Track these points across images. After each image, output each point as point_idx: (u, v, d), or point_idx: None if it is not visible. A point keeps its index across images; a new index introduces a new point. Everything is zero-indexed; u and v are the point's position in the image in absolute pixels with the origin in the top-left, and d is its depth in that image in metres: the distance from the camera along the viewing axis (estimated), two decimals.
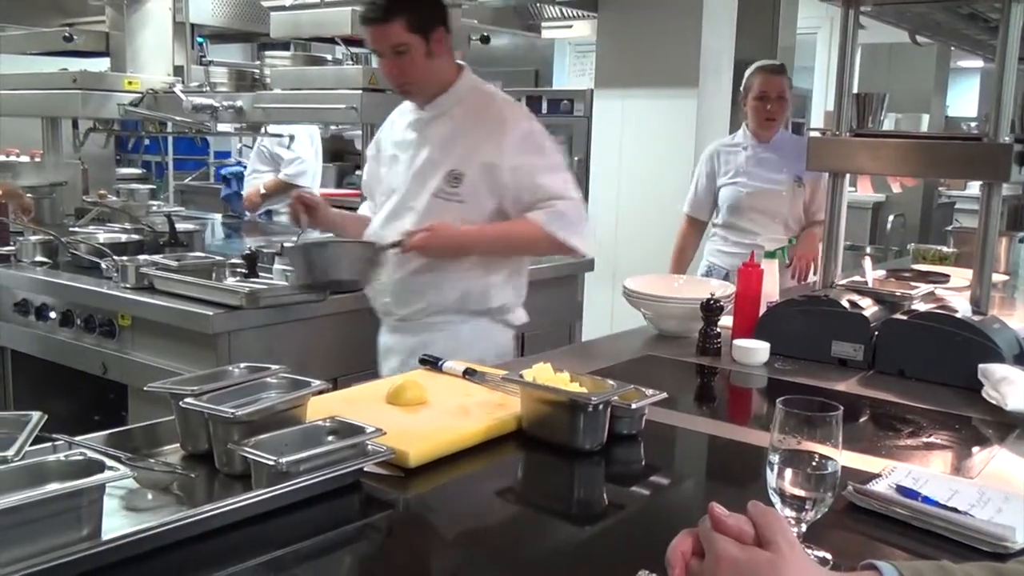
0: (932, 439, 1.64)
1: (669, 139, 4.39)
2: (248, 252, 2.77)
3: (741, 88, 3.57)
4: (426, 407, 1.60)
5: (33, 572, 0.95)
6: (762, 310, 2.22)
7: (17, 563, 0.95)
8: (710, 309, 2.15)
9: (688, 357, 2.16)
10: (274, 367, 1.46)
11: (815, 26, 6.69)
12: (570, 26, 5.57)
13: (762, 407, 1.98)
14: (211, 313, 2.37)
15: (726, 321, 2.22)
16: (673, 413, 1.69)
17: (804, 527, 1.03)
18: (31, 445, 1.16)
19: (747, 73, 3.53)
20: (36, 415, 1.21)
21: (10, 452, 1.09)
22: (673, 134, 4.38)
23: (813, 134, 2.68)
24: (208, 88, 3.33)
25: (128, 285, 2.63)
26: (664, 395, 1.56)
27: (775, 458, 1.03)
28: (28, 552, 0.96)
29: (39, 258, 3.02)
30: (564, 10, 5.29)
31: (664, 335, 2.35)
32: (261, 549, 1.14)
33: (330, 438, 1.29)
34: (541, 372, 1.54)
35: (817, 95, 7.22)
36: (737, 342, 2.12)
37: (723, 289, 2.34)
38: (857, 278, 2.41)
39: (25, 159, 4.10)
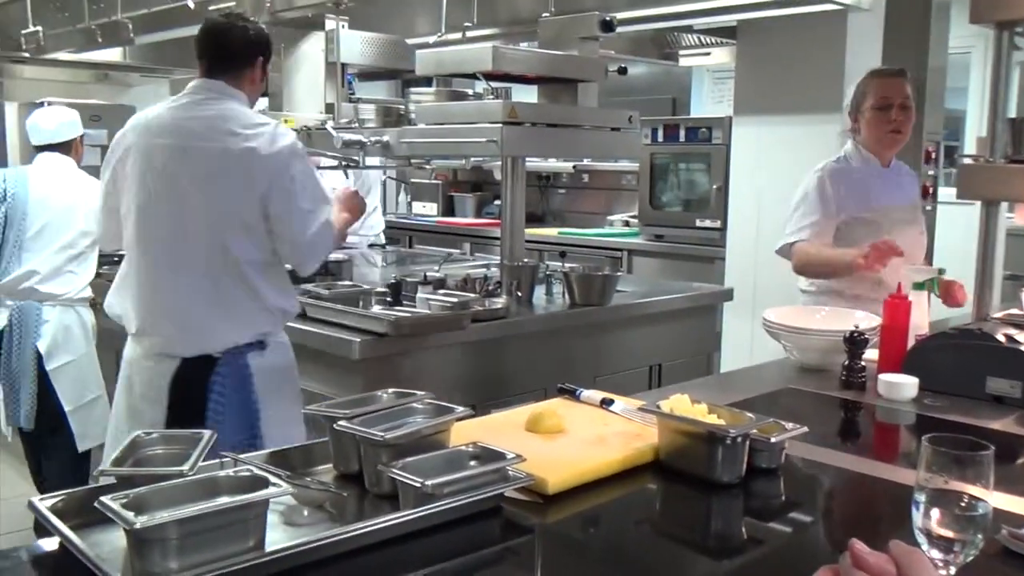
0: None
1: (812, 165, 4.27)
2: (393, 281, 2.88)
3: (850, 101, 3.04)
4: (564, 435, 1.64)
5: None
6: (910, 343, 2.15)
7: (192, 569, 1.03)
8: (855, 342, 2.10)
9: (831, 391, 2.11)
10: (419, 393, 1.52)
11: (969, 45, 6.39)
12: (708, 53, 5.54)
13: (910, 444, 1.91)
14: (357, 340, 2.49)
15: (871, 354, 2.16)
16: (814, 448, 1.66)
17: (952, 570, 1.00)
18: (203, 461, 1.27)
19: (857, 81, 3.05)
20: (207, 433, 1.32)
21: (186, 467, 1.19)
22: (816, 160, 4.24)
23: (965, 160, 2.58)
24: (357, 124, 3.49)
25: None
26: (805, 429, 1.54)
27: (921, 497, 1.00)
28: (201, 559, 1.04)
29: None
30: (702, 38, 5.27)
31: (806, 368, 2.30)
32: (407, 568, 1.19)
33: (473, 463, 1.34)
34: (678, 403, 1.55)
35: (971, 118, 6.88)
36: (883, 376, 2.06)
37: (868, 321, 2.28)
38: (1015, 311, 2.30)
39: None
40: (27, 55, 5.11)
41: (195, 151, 2.36)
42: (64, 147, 3.78)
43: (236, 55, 2.48)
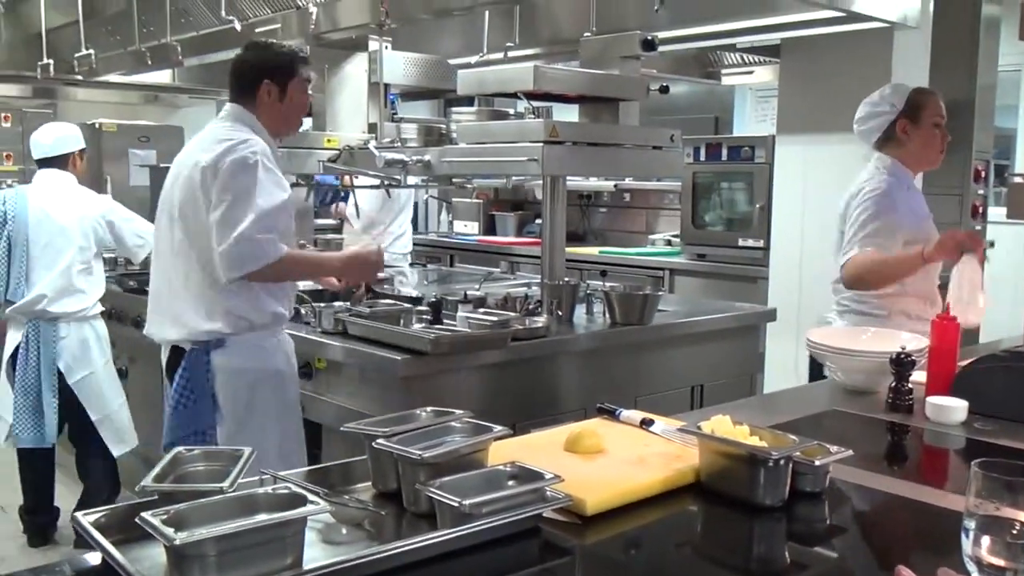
0: None
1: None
2: (434, 299, 2.89)
3: (901, 111, 2.94)
4: (603, 455, 1.62)
5: None
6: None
7: None
8: (901, 363, 2.06)
9: (877, 413, 2.07)
10: (458, 412, 1.52)
11: (1019, 63, 6.28)
12: (751, 72, 5.50)
13: (959, 469, 1.86)
14: (399, 358, 2.50)
15: (919, 376, 2.11)
16: (860, 472, 1.62)
17: None
18: (242, 478, 1.27)
19: (907, 94, 2.97)
20: (247, 450, 1.33)
21: (226, 484, 1.20)
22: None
23: (1016, 180, 2.52)
24: (399, 143, 3.53)
25: (324, 330, 2.81)
26: (849, 452, 1.51)
27: (971, 524, 0.98)
28: None
29: None
30: (745, 56, 5.24)
31: (851, 390, 2.26)
32: None
33: (511, 482, 1.33)
34: (719, 424, 1.53)
35: (1021, 136, 6.75)
36: (931, 399, 2.01)
37: (915, 342, 2.23)
38: None
39: None
40: (80, 77, 5.24)
41: (179, 166, 2.64)
42: (62, 161, 3.88)
43: (241, 81, 2.68)
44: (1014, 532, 0.96)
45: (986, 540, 0.97)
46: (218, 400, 2.58)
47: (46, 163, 3.88)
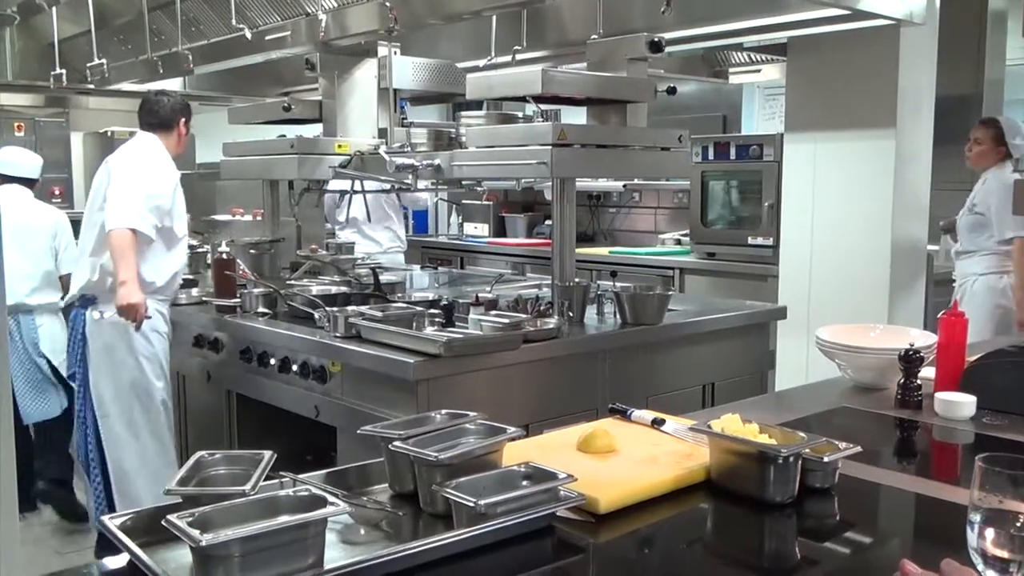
0: None
1: (865, 182, 4.25)
2: (445, 302, 2.91)
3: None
4: (615, 455, 1.65)
5: None
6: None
7: None
8: (910, 360, 2.07)
9: (886, 410, 2.08)
10: (471, 414, 1.55)
11: None
12: (759, 70, 5.51)
13: (967, 464, 1.88)
14: (412, 361, 2.52)
15: (928, 372, 2.13)
16: (869, 468, 1.64)
17: None
18: (263, 481, 1.30)
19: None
20: (267, 454, 1.36)
21: (248, 487, 1.23)
22: (869, 177, 4.23)
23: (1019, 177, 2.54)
24: (409, 148, 3.56)
25: (338, 334, 2.84)
26: (858, 449, 1.53)
27: (976, 517, 1.00)
28: None
29: (261, 309, 3.31)
30: (752, 55, 5.25)
31: (860, 386, 2.28)
32: None
33: (525, 482, 1.36)
34: (729, 423, 1.55)
35: None
36: (940, 395, 2.03)
37: (923, 339, 2.25)
38: None
39: (248, 218, 4.51)
40: (92, 86, 5.29)
41: None
42: (27, 181, 4.43)
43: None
44: (1018, 525, 0.98)
45: (991, 533, 0.99)
46: (87, 349, 3.47)
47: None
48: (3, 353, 1.19)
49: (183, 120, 3.72)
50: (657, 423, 1.82)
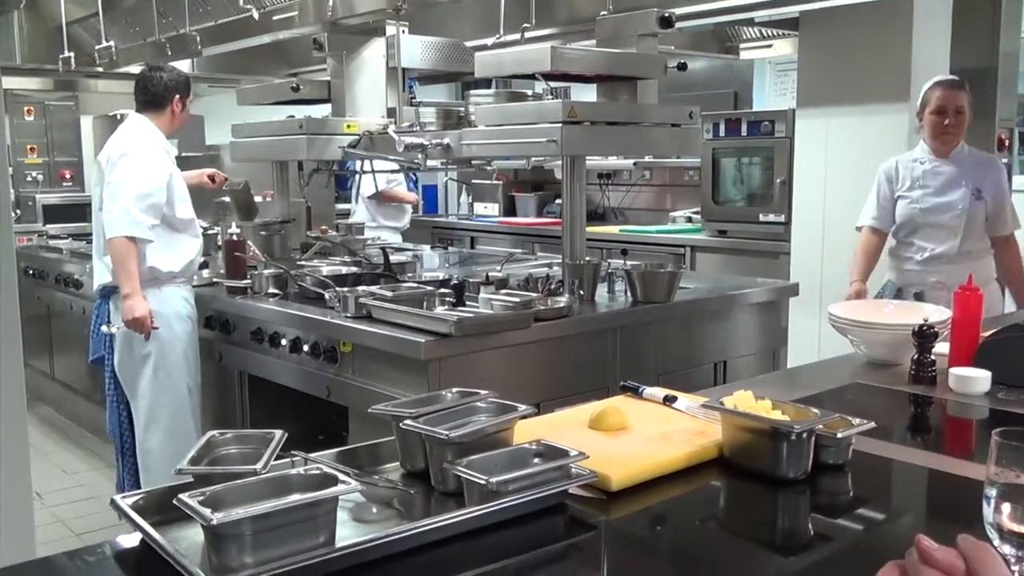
0: None
1: (878, 157, 4.19)
2: (456, 281, 2.91)
3: (918, 103, 3.58)
4: (627, 432, 1.64)
5: (279, 573, 1.07)
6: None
7: (266, 564, 1.07)
8: (923, 336, 2.06)
9: (900, 386, 2.07)
10: (483, 392, 1.55)
11: None
12: (770, 45, 5.47)
13: (982, 439, 1.86)
14: (422, 340, 2.52)
15: (942, 348, 2.11)
16: (883, 444, 1.63)
17: None
18: (274, 460, 1.31)
19: (924, 88, 3.55)
20: (278, 433, 1.36)
21: (259, 465, 1.23)
22: (883, 151, 4.18)
23: None
24: (418, 127, 3.54)
25: (349, 314, 2.84)
26: (872, 424, 1.52)
27: (992, 492, 0.99)
28: (275, 554, 1.08)
29: (272, 290, 3.32)
30: (763, 30, 5.20)
31: (873, 362, 2.26)
32: (472, 563, 1.21)
33: (536, 460, 1.35)
34: (742, 399, 1.54)
35: None
36: (954, 370, 2.01)
37: (937, 314, 2.23)
38: None
39: (258, 199, 4.51)
40: (101, 69, 5.29)
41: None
42: None
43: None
44: None
45: (1007, 507, 0.97)
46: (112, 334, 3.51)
47: None
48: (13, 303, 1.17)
49: (178, 97, 3.57)
50: (669, 400, 1.81)
